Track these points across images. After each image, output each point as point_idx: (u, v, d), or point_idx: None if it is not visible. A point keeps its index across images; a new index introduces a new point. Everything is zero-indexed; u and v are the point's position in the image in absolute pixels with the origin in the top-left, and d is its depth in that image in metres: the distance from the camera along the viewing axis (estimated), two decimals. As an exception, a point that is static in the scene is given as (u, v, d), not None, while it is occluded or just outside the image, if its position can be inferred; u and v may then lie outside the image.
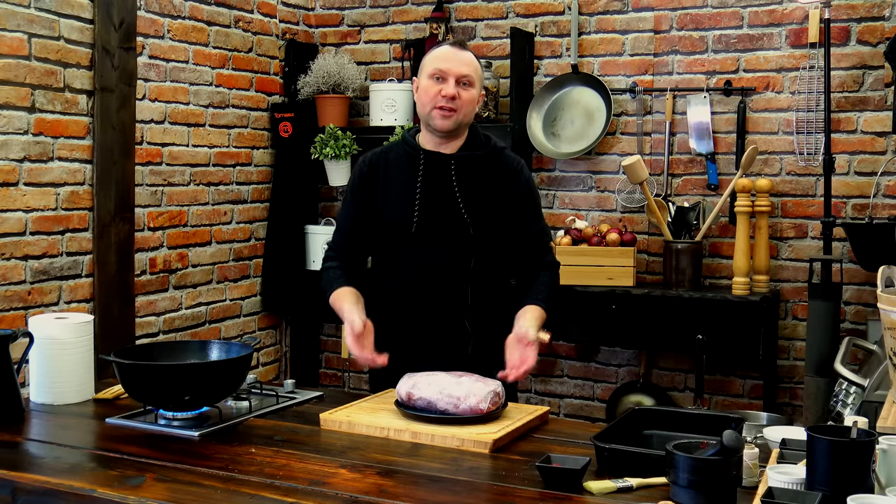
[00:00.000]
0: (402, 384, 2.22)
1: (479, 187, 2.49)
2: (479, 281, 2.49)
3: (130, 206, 3.66)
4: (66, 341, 2.37)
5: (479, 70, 2.50)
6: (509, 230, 2.52)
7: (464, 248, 2.47)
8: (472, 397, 2.12)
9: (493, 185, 2.51)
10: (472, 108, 2.47)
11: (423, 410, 2.15)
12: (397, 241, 2.51)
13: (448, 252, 2.48)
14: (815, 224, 3.83)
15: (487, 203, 2.49)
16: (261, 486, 1.76)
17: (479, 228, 2.46)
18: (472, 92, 2.46)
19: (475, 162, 2.50)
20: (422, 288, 2.50)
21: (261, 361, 4.47)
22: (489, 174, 2.51)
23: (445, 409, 2.13)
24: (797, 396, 3.89)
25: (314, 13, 4.72)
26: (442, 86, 2.43)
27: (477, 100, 2.48)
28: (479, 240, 2.47)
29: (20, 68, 3.23)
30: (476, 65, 2.48)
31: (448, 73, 2.43)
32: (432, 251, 2.48)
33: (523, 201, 2.55)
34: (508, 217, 2.51)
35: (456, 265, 2.48)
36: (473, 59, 2.49)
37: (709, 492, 1.63)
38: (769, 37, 3.91)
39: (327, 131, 4.27)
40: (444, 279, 2.48)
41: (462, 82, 2.43)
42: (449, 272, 2.48)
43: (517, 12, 4.32)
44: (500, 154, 2.56)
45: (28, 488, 1.81)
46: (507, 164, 2.55)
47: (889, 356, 2.34)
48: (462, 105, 2.43)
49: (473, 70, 2.46)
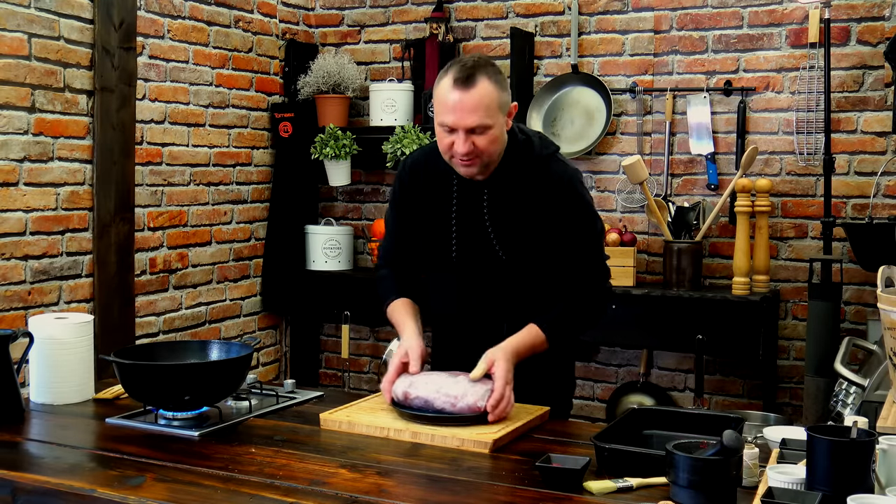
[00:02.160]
0: (399, 383, 2.18)
1: (513, 212, 2.30)
2: (516, 309, 2.35)
3: (130, 206, 3.66)
4: (66, 341, 2.37)
5: (494, 101, 2.18)
6: (550, 251, 2.31)
7: (496, 278, 2.34)
8: (470, 396, 2.10)
9: (527, 204, 2.29)
10: (495, 146, 2.21)
11: (420, 409, 2.13)
12: (436, 264, 2.42)
13: (481, 281, 2.36)
14: (815, 224, 3.83)
15: (522, 228, 2.29)
16: (261, 486, 1.76)
17: (511, 258, 2.31)
18: (490, 133, 2.19)
19: (511, 184, 2.30)
20: (461, 313, 2.42)
21: (261, 361, 4.47)
22: (524, 193, 2.29)
23: (442, 407, 2.11)
24: (797, 396, 3.88)
25: (314, 13, 4.72)
26: (452, 138, 2.20)
27: (499, 135, 2.22)
28: (513, 269, 2.32)
29: (20, 68, 3.23)
30: (487, 101, 2.16)
31: (456, 126, 2.17)
32: (467, 278, 2.37)
33: (565, 217, 2.29)
34: (548, 236, 2.30)
35: (492, 295, 2.37)
36: (483, 97, 2.16)
37: (709, 492, 1.63)
38: (769, 37, 3.91)
39: (327, 131, 4.27)
40: (481, 307, 2.38)
41: (475, 132, 2.18)
42: (485, 301, 2.38)
43: (517, 12, 4.32)
44: (545, 165, 2.31)
45: (28, 488, 1.81)
46: (548, 178, 2.30)
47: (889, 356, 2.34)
48: (481, 152, 2.20)
49: (484, 112, 2.16)
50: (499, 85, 2.21)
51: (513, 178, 2.30)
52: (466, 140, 2.18)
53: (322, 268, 4.46)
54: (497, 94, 2.19)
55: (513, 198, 2.30)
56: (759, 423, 3.51)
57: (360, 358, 4.73)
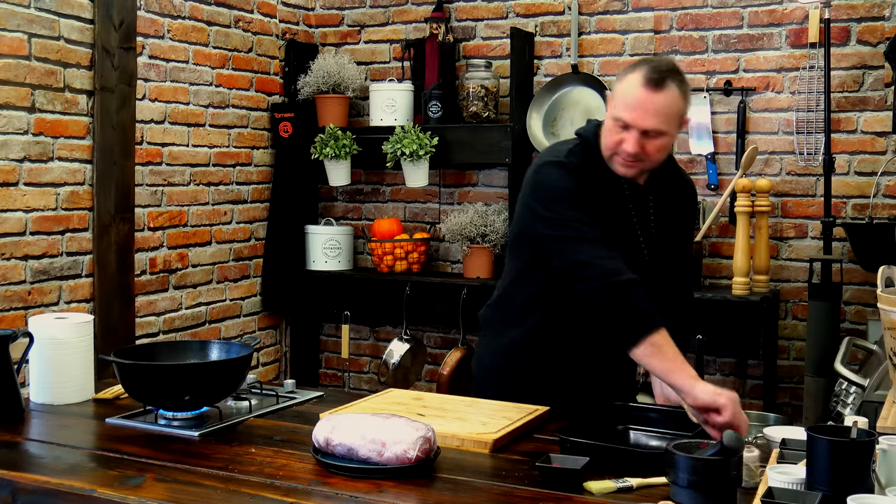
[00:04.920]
0: (319, 428, 1.90)
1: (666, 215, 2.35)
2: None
3: (130, 206, 3.66)
4: (66, 341, 2.37)
5: (677, 111, 2.13)
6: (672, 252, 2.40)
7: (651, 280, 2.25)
8: (399, 444, 1.81)
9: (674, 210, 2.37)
10: (662, 155, 2.19)
11: (342, 458, 1.85)
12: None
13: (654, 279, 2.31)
14: (815, 224, 3.83)
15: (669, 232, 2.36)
16: (261, 486, 1.76)
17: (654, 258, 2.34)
18: (663, 140, 2.15)
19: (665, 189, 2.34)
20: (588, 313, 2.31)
21: (261, 361, 4.47)
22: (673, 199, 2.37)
23: (368, 456, 1.82)
24: (797, 396, 3.88)
25: (314, 13, 4.72)
26: (624, 135, 2.14)
27: (669, 145, 2.18)
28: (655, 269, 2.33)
29: (20, 68, 3.23)
30: (671, 109, 2.11)
31: (632, 125, 2.12)
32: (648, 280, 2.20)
33: (688, 223, 2.45)
34: (680, 239, 2.42)
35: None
36: (671, 102, 2.11)
37: (709, 492, 1.63)
38: (769, 37, 3.91)
39: (327, 131, 4.27)
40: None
41: (648, 135, 2.14)
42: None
43: (517, 12, 4.32)
44: (678, 176, 2.41)
45: (28, 488, 1.81)
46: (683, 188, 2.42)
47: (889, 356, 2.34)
48: (647, 157, 2.17)
49: (664, 118, 2.11)
50: (685, 96, 2.17)
51: (665, 186, 2.34)
52: (638, 141, 2.13)
53: (322, 268, 4.46)
54: (682, 104, 2.16)
55: (667, 203, 2.35)
56: (759, 423, 3.52)
57: (360, 358, 4.73)
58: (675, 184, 2.40)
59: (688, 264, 2.53)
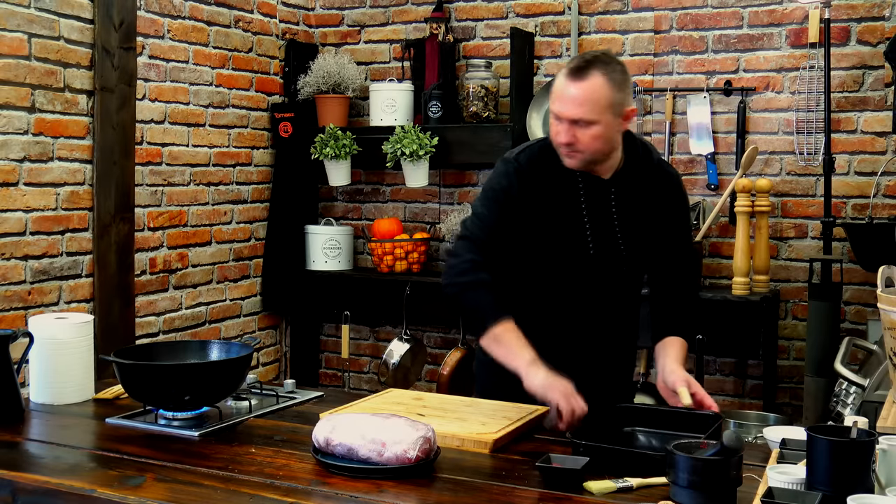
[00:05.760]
0: (319, 428, 1.91)
1: (634, 209, 2.36)
2: (625, 305, 2.45)
3: (130, 206, 3.66)
4: (66, 341, 2.37)
5: (604, 99, 2.16)
6: (659, 246, 2.41)
7: (618, 273, 2.38)
8: (399, 444, 1.82)
9: (649, 204, 2.37)
10: (598, 144, 2.21)
11: (342, 458, 1.86)
12: (568, 265, 2.35)
13: (606, 276, 2.38)
14: (815, 224, 3.83)
15: (644, 226, 2.37)
16: (261, 486, 1.76)
17: (631, 252, 2.37)
18: (593, 129, 2.18)
19: (635, 184, 2.35)
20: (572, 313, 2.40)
21: (261, 361, 4.47)
22: (646, 193, 2.36)
23: (367, 456, 1.82)
24: (797, 396, 3.88)
25: (314, 13, 4.72)
26: (558, 127, 2.21)
27: (605, 133, 2.20)
28: (631, 263, 2.38)
29: (20, 68, 3.23)
30: (598, 95, 2.16)
31: (560, 115, 2.19)
32: (595, 279, 2.36)
33: (677, 216, 2.43)
34: (660, 233, 2.40)
35: (611, 289, 2.40)
36: (594, 90, 2.16)
37: (709, 492, 1.63)
38: (769, 37, 3.91)
39: (327, 131, 4.27)
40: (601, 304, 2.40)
41: (578, 124, 2.18)
42: (606, 298, 2.40)
43: (517, 12, 4.32)
44: (659, 169, 2.41)
45: (28, 488, 1.81)
46: (665, 180, 2.41)
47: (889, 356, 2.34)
48: (583, 147, 2.21)
49: (591, 105, 2.16)
50: (614, 83, 2.19)
51: (636, 179, 2.35)
52: (569, 131, 2.19)
53: (322, 268, 4.46)
54: (609, 92, 2.18)
55: (637, 197, 2.35)
56: (759, 423, 3.52)
57: (360, 358, 4.73)
58: (654, 177, 2.39)
59: (684, 255, 2.49)
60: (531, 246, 2.34)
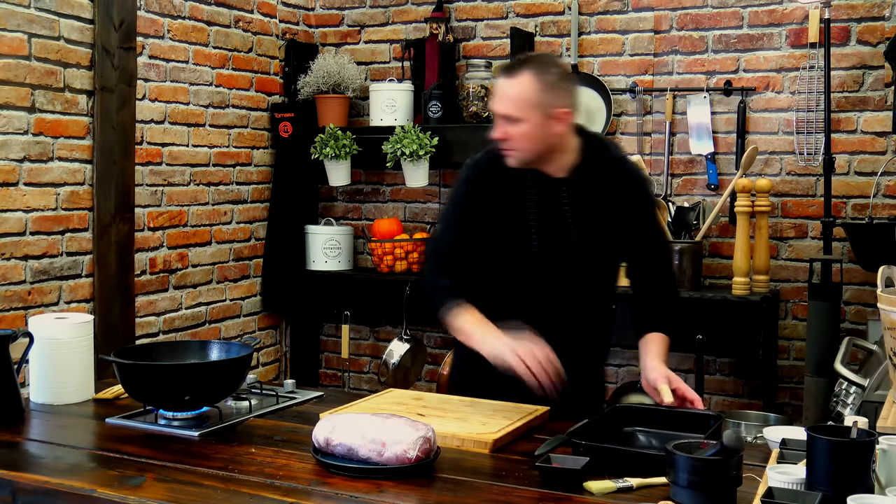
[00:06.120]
0: (319, 428, 1.91)
1: (592, 208, 2.36)
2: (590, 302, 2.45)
3: (130, 206, 3.66)
4: (66, 341, 2.37)
5: (529, 98, 2.22)
6: (625, 245, 2.42)
7: (575, 271, 2.38)
8: (399, 444, 1.81)
9: (609, 202, 2.37)
10: (531, 143, 2.26)
11: (342, 458, 1.85)
12: (513, 263, 2.39)
13: (559, 274, 2.38)
14: (815, 224, 3.83)
15: (601, 223, 2.37)
16: (261, 486, 1.76)
17: (588, 250, 2.37)
18: (521, 127, 2.24)
19: (590, 183, 2.35)
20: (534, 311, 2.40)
21: (261, 361, 4.47)
22: (606, 191, 2.36)
23: (367, 456, 1.82)
24: (797, 396, 3.88)
25: (314, 13, 4.72)
26: (496, 124, 2.29)
27: (533, 132, 2.25)
28: (589, 261, 2.39)
29: (20, 68, 3.23)
30: (520, 95, 2.22)
31: (494, 112, 2.27)
32: (544, 276, 2.38)
33: (642, 214, 2.42)
34: (625, 232, 2.40)
35: (566, 290, 2.41)
36: (522, 88, 2.22)
37: (709, 492, 1.63)
38: (769, 37, 3.91)
39: (327, 131, 4.27)
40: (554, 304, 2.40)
41: (508, 121, 2.25)
42: (560, 298, 2.41)
43: (517, 12, 4.32)
44: (618, 168, 2.41)
45: (28, 488, 1.81)
46: (626, 178, 2.40)
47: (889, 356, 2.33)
48: (514, 144, 2.27)
49: (514, 105, 2.23)
50: (544, 84, 2.23)
51: (593, 178, 2.35)
52: (501, 127, 2.26)
53: (322, 268, 4.46)
54: (537, 92, 2.22)
55: (593, 195, 2.35)
56: (759, 423, 3.52)
57: (360, 358, 4.73)
58: (614, 176, 2.39)
59: (659, 252, 2.51)
60: (483, 245, 2.40)
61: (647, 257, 2.48)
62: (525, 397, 2.26)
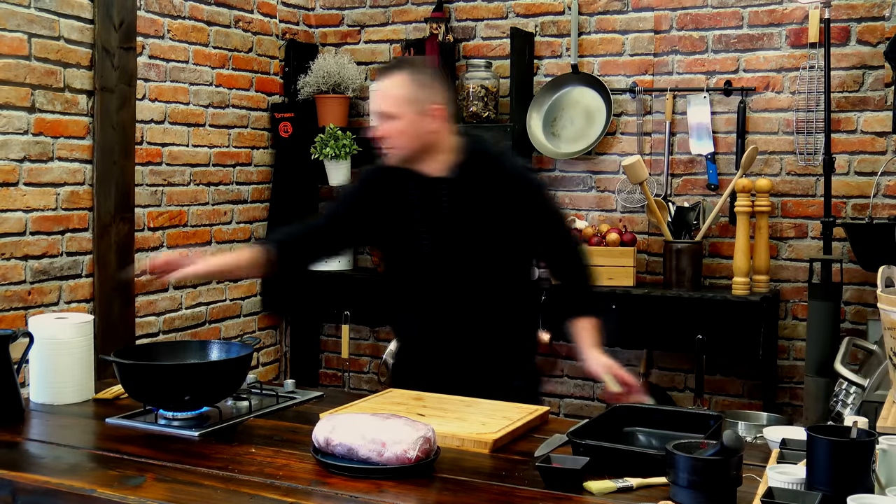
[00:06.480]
0: (319, 428, 1.91)
1: (474, 204, 2.41)
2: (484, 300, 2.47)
3: (130, 206, 3.66)
4: (66, 341, 2.37)
5: (404, 95, 2.33)
6: (520, 238, 2.46)
7: (466, 267, 2.43)
8: (399, 444, 1.81)
9: (492, 199, 2.41)
10: (407, 139, 2.36)
11: (342, 458, 1.85)
12: (403, 264, 2.51)
13: (453, 272, 2.43)
14: (815, 224, 3.83)
15: (486, 218, 2.41)
16: (261, 486, 1.76)
17: (476, 245, 2.42)
18: (397, 124, 2.34)
19: (470, 180, 2.42)
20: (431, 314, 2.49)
21: (261, 361, 4.47)
22: (488, 188, 2.41)
23: (367, 456, 1.82)
24: (797, 396, 3.89)
25: (314, 13, 4.72)
26: (376, 124, 2.42)
27: (408, 129, 2.35)
28: (480, 257, 2.43)
29: (20, 68, 3.23)
30: (399, 92, 2.33)
31: (372, 111, 2.44)
32: (436, 275, 2.45)
33: (530, 206, 2.45)
34: (515, 226, 2.43)
35: (464, 285, 2.44)
36: (396, 87, 2.35)
37: (709, 492, 1.63)
38: (769, 37, 3.91)
39: (327, 131, 4.27)
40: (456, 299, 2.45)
41: (385, 118, 2.36)
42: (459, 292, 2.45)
43: (517, 12, 4.32)
44: (499, 164, 2.46)
45: (28, 488, 1.81)
46: (508, 173, 2.45)
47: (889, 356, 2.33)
48: (392, 141, 2.37)
49: (392, 101, 2.34)
50: (416, 83, 2.36)
51: (470, 174, 2.42)
52: (379, 126, 2.38)
53: (322, 268, 4.45)
54: (409, 89, 2.35)
55: (473, 192, 2.41)
56: (759, 423, 3.52)
57: (360, 358, 4.73)
58: (493, 173, 2.43)
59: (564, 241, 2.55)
60: (381, 245, 2.57)
61: (552, 248, 2.54)
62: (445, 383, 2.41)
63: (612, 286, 3.84)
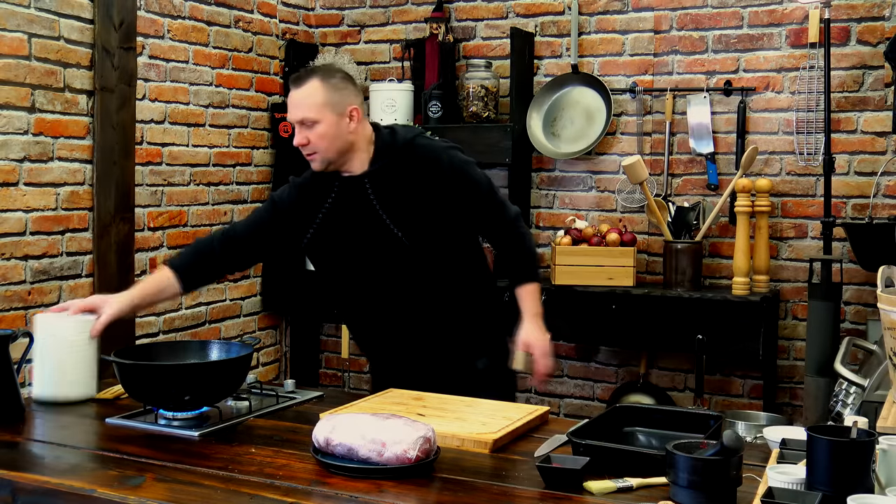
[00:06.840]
0: (319, 428, 1.91)
1: (399, 196, 2.44)
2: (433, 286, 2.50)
3: (130, 206, 3.66)
4: (68, 340, 2.37)
5: (321, 99, 2.37)
6: (458, 218, 2.47)
7: (406, 257, 2.45)
8: (399, 444, 1.81)
9: (416, 185, 2.43)
10: (329, 141, 2.39)
11: (342, 458, 1.85)
12: (340, 265, 2.53)
13: (395, 264, 2.46)
14: (815, 224, 3.83)
15: (417, 209, 2.44)
16: (261, 486, 1.76)
17: (414, 240, 2.43)
18: (318, 129, 2.38)
19: (391, 171, 2.44)
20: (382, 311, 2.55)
21: (261, 361, 4.47)
22: (409, 175, 2.44)
23: (367, 456, 1.81)
24: (797, 396, 3.89)
25: (314, 13, 4.72)
26: (295, 133, 2.43)
27: (329, 131, 2.38)
28: (418, 248, 2.45)
29: (20, 68, 3.23)
30: (312, 98, 2.37)
31: (290, 120, 2.42)
32: (376, 270, 2.48)
33: (450, 183, 2.45)
34: (442, 206, 2.44)
35: (409, 275, 2.48)
36: (310, 93, 2.37)
37: (709, 492, 1.63)
38: (769, 37, 3.91)
39: (327, 131, 4.27)
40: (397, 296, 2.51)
41: (304, 124, 2.39)
42: (399, 289, 2.50)
43: (517, 12, 4.32)
44: (410, 148, 2.47)
45: (28, 488, 1.81)
46: (419, 155, 2.46)
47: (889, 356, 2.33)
48: (315, 147, 2.40)
49: (310, 106, 2.37)
50: (330, 87, 2.39)
51: (387, 164, 2.45)
52: (300, 133, 2.40)
53: (322, 268, 4.45)
54: (325, 93, 2.38)
55: (393, 181, 2.44)
56: (759, 423, 3.52)
57: (360, 358, 4.72)
58: (406, 159, 2.45)
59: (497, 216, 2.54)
60: (321, 253, 2.55)
61: (483, 221, 2.54)
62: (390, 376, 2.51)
63: (612, 286, 3.84)
